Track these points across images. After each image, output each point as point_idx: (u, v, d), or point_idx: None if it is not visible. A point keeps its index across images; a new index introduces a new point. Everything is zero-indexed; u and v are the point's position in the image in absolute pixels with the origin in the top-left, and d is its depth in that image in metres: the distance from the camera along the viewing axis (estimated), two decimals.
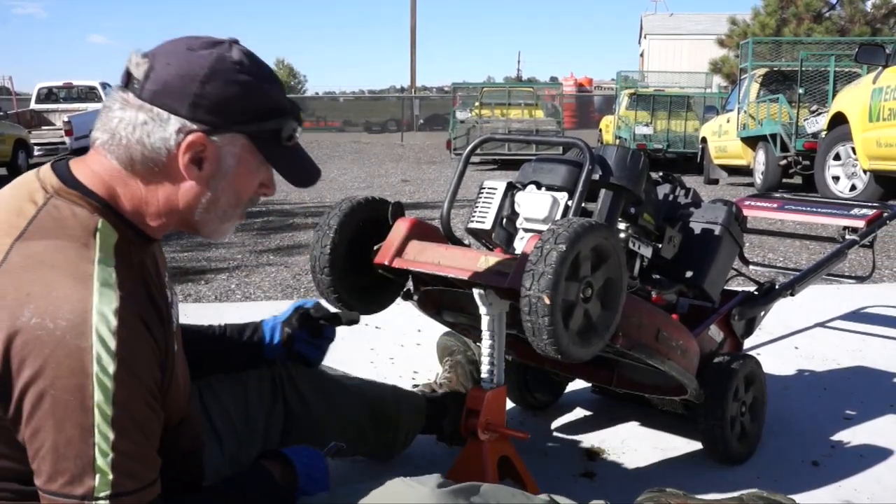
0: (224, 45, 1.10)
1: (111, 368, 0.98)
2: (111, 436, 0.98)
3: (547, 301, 1.29)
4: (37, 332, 0.97)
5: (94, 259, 1.03)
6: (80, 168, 1.11)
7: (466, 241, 1.81)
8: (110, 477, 0.98)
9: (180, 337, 1.26)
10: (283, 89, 1.15)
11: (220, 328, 1.67)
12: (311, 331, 1.67)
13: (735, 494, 1.62)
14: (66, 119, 14.62)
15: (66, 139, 14.50)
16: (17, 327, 0.97)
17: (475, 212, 1.72)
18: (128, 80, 1.07)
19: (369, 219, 1.67)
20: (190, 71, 1.06)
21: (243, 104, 1.08)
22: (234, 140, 1.09)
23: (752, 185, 10.07)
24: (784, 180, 9.37)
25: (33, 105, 16.62)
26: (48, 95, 17.11)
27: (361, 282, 1.68)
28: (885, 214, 2.55)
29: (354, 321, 1.71)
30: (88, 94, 17.18)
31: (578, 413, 2.27)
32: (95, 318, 0.98)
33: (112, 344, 0.98)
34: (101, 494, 0.98)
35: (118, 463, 0.99)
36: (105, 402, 0.98)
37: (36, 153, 14.09)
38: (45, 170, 1.11)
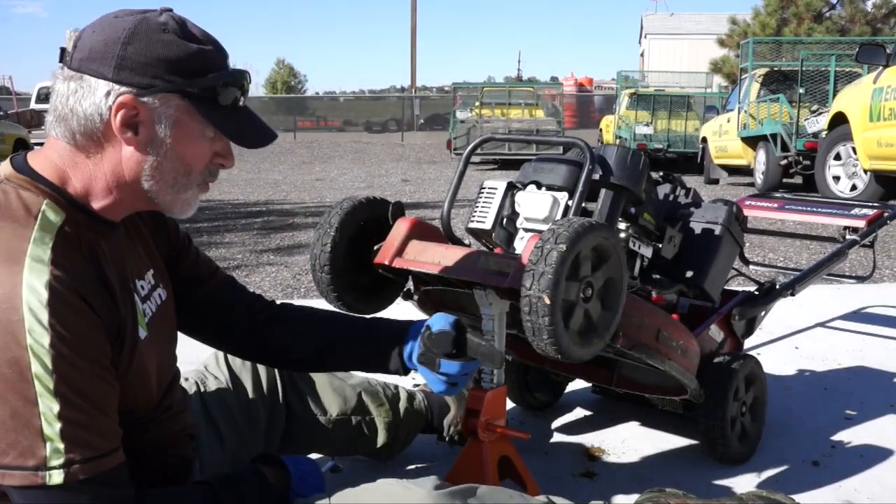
0: (153, 12, 1.10)
1: (45, 340, 0.98)
2: (55, 406, 0.99)
3: (547, 301, 1.29)
4: None
5: (30, 237, 1.03)
6: (35, 157, 1.13)
7: (467, 241, 1.80)
8: (60, 446, 0.99)
9: (168, 326, 1.26)
10: (221, 51, 1.13)
11: (364, 320, 1.57)
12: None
13: (735, 494, 1.62)
14: None
15: None
16: None
17: (475, 212, 1.72)
18: (62, 56, 1.09)
19: (369, 218, 1.67)
20: (113, 34, 1.06)
21: (168, 61, 1.07)
22: (166, 100, 1.08)
23: (752, 184, 10.07)
24: (784, 180, 9.37)
25: (33, 105, 16.65)
26: (48, 95, 17.08)
27: (361, 281, 1.68)
28: (886, 214, 2.55)
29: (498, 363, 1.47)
30: None
31: (579, 413, 2.27)
32: (25, 292, 0.99)
33: (43, 316, 0.98)
34: (54, 463, 0.99)
35: (67, 432, 0.99)
36: (44, 373, 0.98)
37: None
38: (5, 163, 1.13)
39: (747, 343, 2.32)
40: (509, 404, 2.09)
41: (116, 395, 1.08)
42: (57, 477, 0.99)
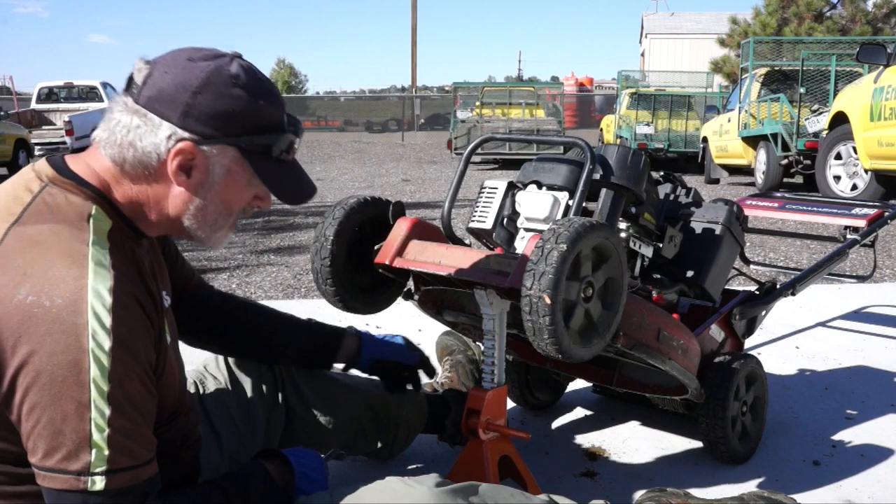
0: (224, 59, 1.12)
1: (107, 344, 1.00)
2: (107, 411, 0.99)
3: (548, 301, 1.29)
4: (33, 310, 0.99)
5: (88, 241, 1.05)
6: (76, 162, 1.14)
7: (467, 241, 1.81)
8: (106, 452, 0.99)
9: (175, 330, 1.28)
10: (281, 105, 1.16)
11: (303, 320, 1.71)
12: (391, 384, 1.75)
13: (736, 494, 1.62)
14: (66, 119, 14.62)
15: (67, 139, 14.50)
16: (13, 306, 0.99)
17: (476, 211, 1.72)
18: (129, 85, 1.11)
19: (370, 218, 1.67)
20: (185, 80, 1.08)
21: (234, 118, 1.10)
22: (223, 151, 1.11)
23: (753, 184, 10.07)
24: (785, 180, 9.36)
25: (34, 105, 16.63)
26: (49, 95, 17.12)
27: (362, 281, 1.68)
28: (887, 214, 2.55)
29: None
30: (89, 94, 17.18)
31: (579, 413, 2.27)
32: (91, 296, 1.00)
33: (107, 321, 1.00)
34: (97, 470, 0.99)
35: (114, 439, 1.00)
36: (101, 378, 0.99)
37: (37, 153, 14.08)
38: (41, 162, 1.14)
39: (748, 343, 2.32)
40: (510, 404, 2.09)
41: (156, 403, 1.10)
42: (99, 483, 0.99)
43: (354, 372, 1.76)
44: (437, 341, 2.29)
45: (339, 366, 1.73)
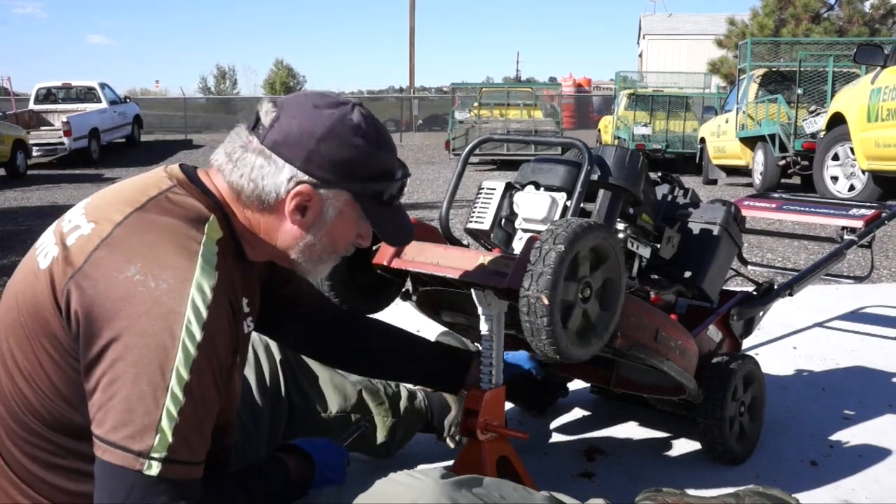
0: (346, 107, 1.18)
1: (198, 337, 1.04)
2: (182, 400, 1.03)
3: (545, 301, 1.29)
4: (138, 288, 1.04)
5: (201, 241, 1.11)
6: (203, 174, 1.22)
7: (465, 242, 1.81)
8: (170, 440, 1.02)
9: (245, 353, 1.31)
10: (394, 152, 1.23)
11: (431, 342, 1.82)
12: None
13: (731, 490, 1.62)
14: (64, 119, 14.61)
15: (65, 139, 14.50)
16: (120, 280, 1.04)
17: (474, 212, 1.72)
18: (255, 124, 1.18)
19: None
20: (311, 127, 1.15)
21: (353, 165, 1.17)
22: (339, 195, 1.18)
23: (750, 185, 10.08)
24: (783, 180, 9.38)
25: (32, 105, 16.62)
26: (47, 96, 17.10)
27: (360, 281, 1.68)
28: (884, 215, 2.55)
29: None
30: (87, 95, 17.18)
31: (577, 413, 2.27)
32: (194, 288, 1.06)
33: (203, 315, 1.05)
34: (156, 455, 1.01)
35: (179, 429, 1.03)
36: (184, 368, 1.03)
37: (34, 154, 14.09)
38: (174, 166, 1.22)
39: (746, 343, 2.32)
40: (508, 404, 2.09)
41: (218, 410, 1.12)
42: (155, 469, 1.01)
43: None
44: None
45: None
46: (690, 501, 1.54)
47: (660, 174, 2.02)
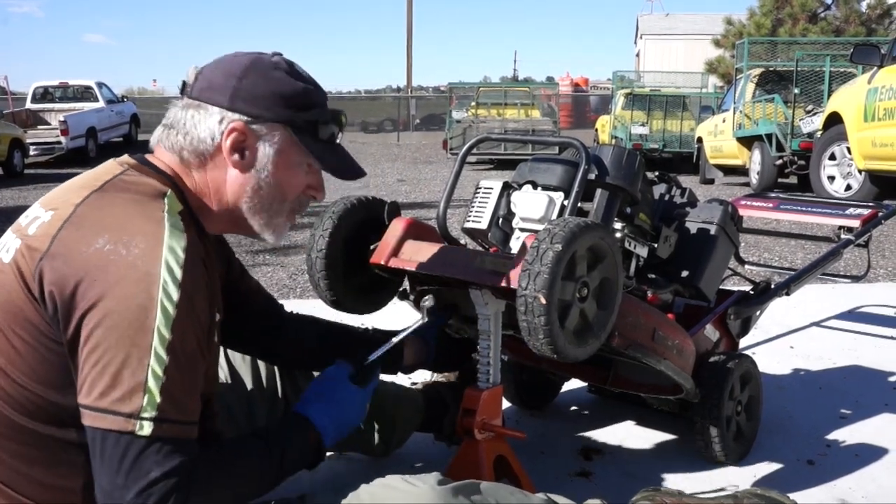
0: (266, 54, 1.24)
1: (175, 296, 1.05)
2: (165, 360, 1.04)
3: (543, 301, 1.29)
4: (110, 257, 1.06)
5: (164, 209, 1.14)
6: (152, 157, 1.24)
7: (463, 241, 1.81)
8: (158, 400, 1.03)
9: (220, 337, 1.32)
10: (322, 92, 1.26)
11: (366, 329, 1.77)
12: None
13: (730, 492, 1.62)
14: (61, 118, 14.58)
15: (62, 139, 14.47)
16: (90, 253, 1.06)
17: (471, 211, 1.72)
18: (183, 88, 1.22)
19: (366, 218, 1.67)
20: (231, 68, 1.20)
21: (278, 95, 1.20)
22: (272, 130, 1.20)
23: (747, 184, 10.09)
24: (780, 180, 9.38)
25: (29, 104, 16.58)
26: (44, 95, 17.07)
27: (358, 281, 1.68)
28: (880, 214, 2.56)
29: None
30: (84, 94, 17.14)
31: (574, 412, 2.27)
32: (166, 250, 1.07)
33: (178, 274, 1.07)
34: (146, 415, 1.03)
35: (166, 389, 1.04)
36: (164, 327, 1.04)
37: (32, 153, 14.05)
38: (124, 156, 1.24)
39: (742, 342, 2.33)
40: (505, 403, 2.09)
41: (203, 371, 1.14)
42: (147, 428, 1.03)
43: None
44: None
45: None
46: (688, 502, 1.54)
47: (657, 174, 2.02)
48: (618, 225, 1.70)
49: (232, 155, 1.19)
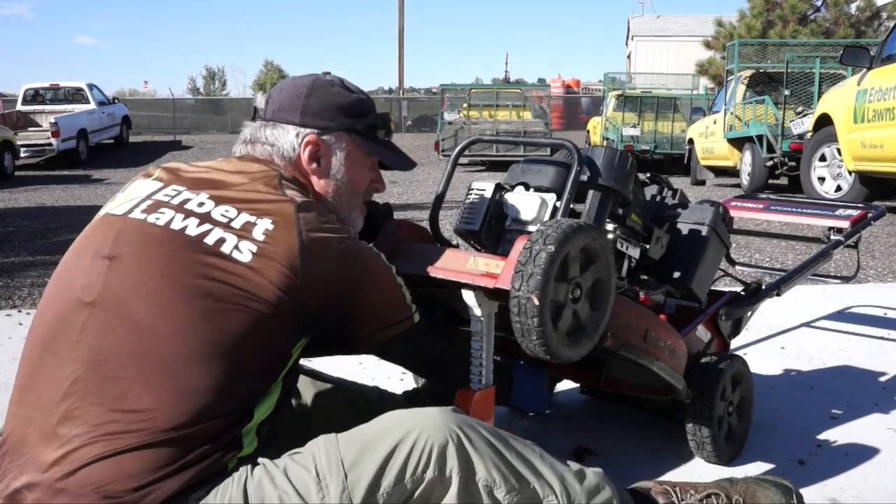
0: (320, 74, 1.48)
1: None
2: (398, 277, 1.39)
3: (536, 302, 1.30)
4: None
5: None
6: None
7: (455, 243, 1.81)
8: (409, 297, 1.41)
9: None
10: (372, 102, 1.50)
11: None
12: None
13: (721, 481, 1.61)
14: (52, 120, 14.53)
15: (53, 140, 14.42)
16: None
17: (463, 213, 1.72)
18: (255, 115, 1.47)
19: None
20: (295, 90, 1.44)
21: (340, 107, 1.44)
22: (339, 137, 1.44)
23: (738, 185, 10.13)
24: (770, 181, 9.43)
25: (20, 106, 16.51)
26: (35, 97, 17.00)
27: None
28: (870, 215, 2.57)
29: None
30: (75, 96, 17.08)
31: (567, 413, 2.28)
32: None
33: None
34: (413, 308, 1.40)
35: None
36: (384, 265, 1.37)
37: (22, 154, 14.00)
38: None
39: (734, 343, 2.34)
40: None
41: None
42: (416, 317, 1.40)
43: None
44: None
45: None
46: (687, 486, 1.55)
47: (648, 175, 2.03)
48: (610, 226, 1.70)
49: (311, 164, 1.42)
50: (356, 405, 1.76)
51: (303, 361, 1.82)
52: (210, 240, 1.23)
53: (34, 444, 1.16)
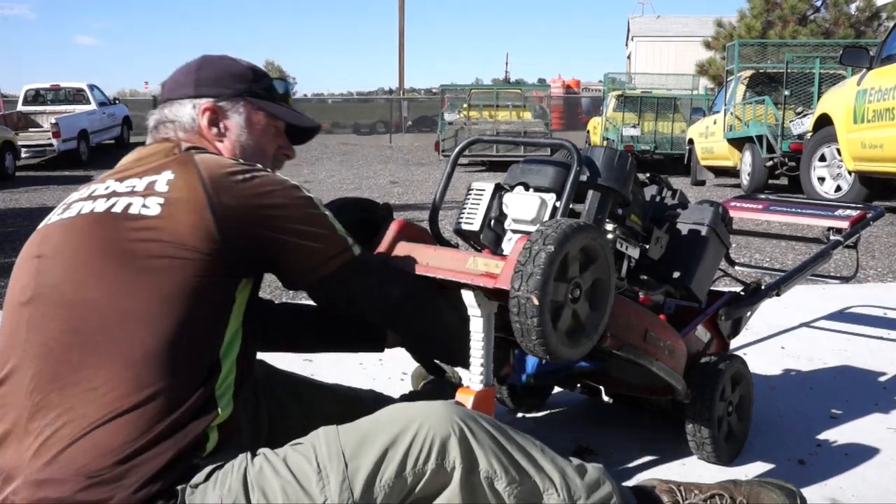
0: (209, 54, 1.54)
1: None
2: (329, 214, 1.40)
3: (535, 302, 1.30)
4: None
5: None
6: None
7: (455, 243, 1.81)
8: (346, 235, 1.40)
9: None
10: (266, 72, 1.56)
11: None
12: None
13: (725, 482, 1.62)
14: (53, 121, 14.51)
15: (54, 141, 14.40)
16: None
17: (463, 213, 1.73)
18: (155, 102, 1.55)
19: (358, 220, 1.68)
20: (187, 69, 1.50)
21: (231, 75, 1.50)
22: (236, 102, 1.48)
23: (738, 186, 10.13)
24: (770, 181, 9.43)
25: (20, 107, 16.50)
26: (35, 97, 16.99)
27: None
28: (869, 215, 2.57)
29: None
30: (76, 96, 17.07)
31: (567, 413, 2.28)
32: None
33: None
34: (349, 244, 1.39)
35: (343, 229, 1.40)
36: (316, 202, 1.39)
37: (23, 155, 13.99)
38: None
39: (734, 343, 2.34)
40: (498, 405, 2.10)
41: None
42: (356, 250, 1.39)
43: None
44: (412, 373, 2.31)
45: None
46: (691, 486, 1.56)
47: (648, 175, 2.03)
48: (609, 226, 1.70)
49: (211, 129, 1.46)
50: (353, 409, 1.76)
51: (298, 369, 1.84)
52: (118, 208, 1.28)
53: (13, 449, 1.18)
